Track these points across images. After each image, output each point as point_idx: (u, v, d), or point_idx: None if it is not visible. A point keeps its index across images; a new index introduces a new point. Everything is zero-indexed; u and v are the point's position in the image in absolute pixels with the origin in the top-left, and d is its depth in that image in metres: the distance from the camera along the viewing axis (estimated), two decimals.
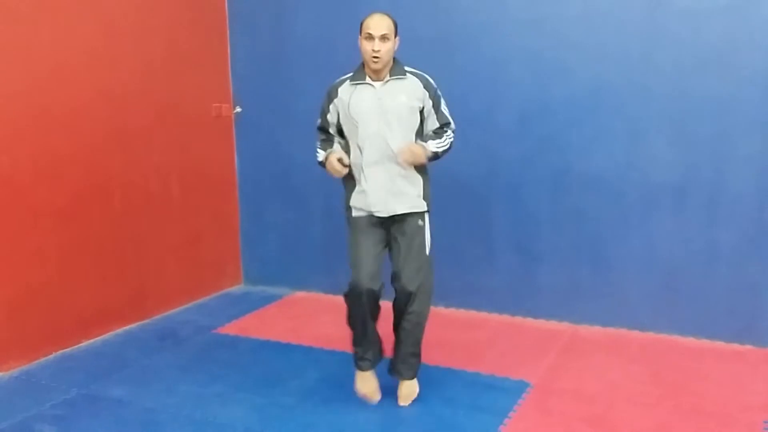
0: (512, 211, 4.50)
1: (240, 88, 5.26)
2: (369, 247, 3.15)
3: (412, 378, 3.32)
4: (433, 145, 3.13)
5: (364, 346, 3.28)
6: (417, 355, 3.31)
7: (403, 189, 3.12)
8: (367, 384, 3.31)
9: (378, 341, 3.35)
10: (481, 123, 4.47)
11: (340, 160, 3.09)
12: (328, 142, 3.26)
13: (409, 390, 3.31)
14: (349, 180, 3.20)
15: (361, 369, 3.32)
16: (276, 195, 5.24)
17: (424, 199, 3.20)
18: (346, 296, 3.21)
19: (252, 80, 5.20)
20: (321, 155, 3.23)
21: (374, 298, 3.16)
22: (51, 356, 3.97)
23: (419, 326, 3.25)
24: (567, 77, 4.23)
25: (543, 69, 4.28)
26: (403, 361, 3.29)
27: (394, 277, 3.20)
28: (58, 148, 3.94)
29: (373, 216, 3.14)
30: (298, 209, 5.15)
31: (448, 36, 4.49)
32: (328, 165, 3.13)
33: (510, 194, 4.49)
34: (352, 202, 3.18)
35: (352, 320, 3.26)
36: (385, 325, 3.36)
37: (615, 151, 4.18)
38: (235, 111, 5.29)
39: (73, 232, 4.06)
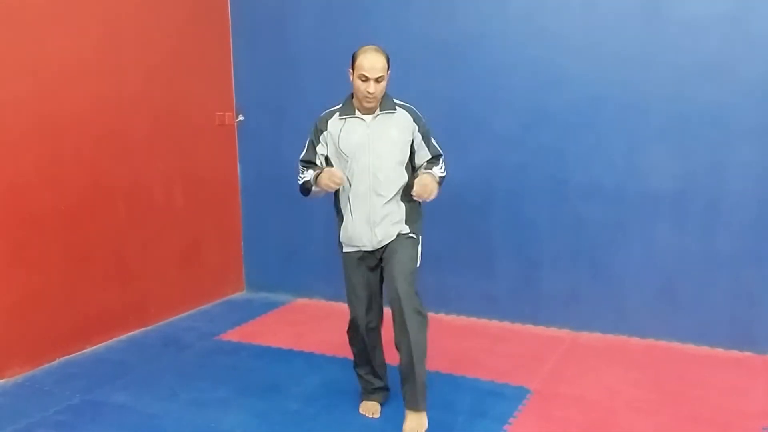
0: (512, 218, 4.53)
1: (242, 97, 5.30)
2: (362, 286, 3.18)
3: (418, 409, 3.04)
4: (438, 172, 3.13)
5: (369, 375, 3.36)
6: (421, 377, 3.02)
7: (384, 225, 3.06)
8: (368, 407, 3.35)
9: (382, 371, 3.39)
10: (482, 131, 4.51)
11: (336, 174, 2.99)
12: (310, 167, 3.14)
13: (414, 423, 3.03)
14: (338, 215, 3.19)
15: (368, 399, 3.38)
16: (278, 202, 5.27)
17: (407, 222, 3.11)
18: (349, 329, 3.30)
19: (254, 89, 5.24)
20: (308, 175, 3.11)
21: (372, 332, 3.26)
22: (54, 362, 4.00)
23: (418, 351, 2.98)
24: (566, 86, 4.26)
25: (543, 77, 4.32)
26: (407, 384, 3.04)
27: (387, 285, 3.08)
28: (62, 155, 3.98)
29: (361, 251, 3.13)
30: (300, 217, 5.18)
31: (449, 45, 4.53)
32: (325, 176, 2.98)
33: (510, 202, 4.51)
34: (342, 238, 3.15)
35: (355, 352, 3.35)
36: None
37: (614, 159, 4.22)
38: (237, 119, 5.33)
39: (77, 238, 4.09)
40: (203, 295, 5.15)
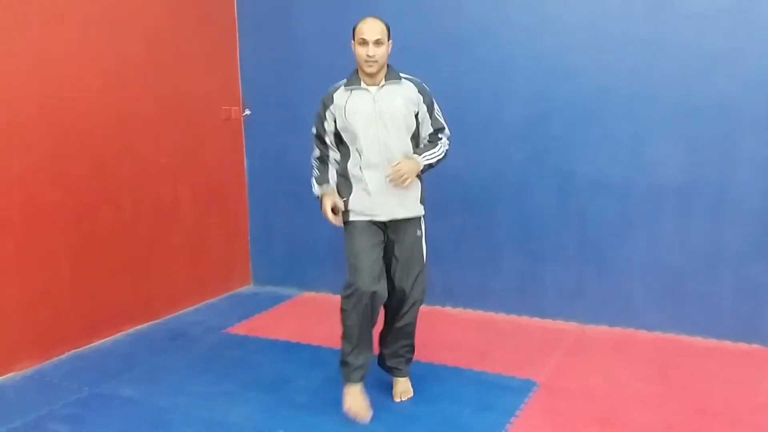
0: (518, 212, 4.52)
1: (249, 91, 5.30)
2: (370, 249, 3.10)
3: (406, 375, 3.41)
4: (426, 158, 3.11)
5: (359, 355, 3.18)
6: (411, 351, 3.40)
7: (403, 193, 3.11)
8: (358, 399, 3.17)
9: (372, 350, 3.26)
10: (488, 125, 4.50)
11: (334, 209, 3.07)
12: (323, 171, 3.23)
13: (404, 387, 3.39)
14: (346, 184, 3.18)
15: (353, 381, 3.17)
16: (284, 196, 5.28)
17: (421, 203, 3.22)
18: (346, 300, 3.10)
19: (261, 83, 5.24)
20: (316, 189, 3.23)
21: (377, 301, 3.11)
22: (63, 356, 4.02)
23: (413, 325, 3.33)
24: (572, 80, 4.25)
25: (548, 72, 4.30)
26: (398, 357, 3.37)
27: (392, 284, 3.20)
28: (68, 151, 3.99)
29: (372, 220, 3.15)
30: (307, 210, 5.17)
31: (455, 39, 4.52)
32: (322, 210, 3.13)
33: (516, 196, 4.51)
34: (351, 206, 3.14)
35: (349, 327, 3.14)
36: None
37: (620, 153, 4.20)
38: (244, 114, 5.33)
39: (85, 233, 4.11)
40: (210, 288, 5.17)
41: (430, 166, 3.16)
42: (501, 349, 4.05)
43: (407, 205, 3.15)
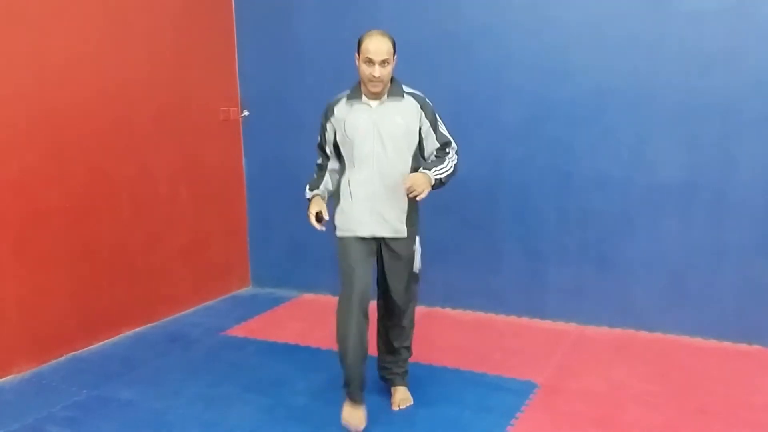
0: (518, 212, 4.51)
1: (247, 92, 5.29)
2: (364, 260, 3.10)
3: (404, 384, 3.38)
4: (435, 172, 3.00)
5: (357, 373, 3.07)
6: (406, 360, 3.38)
7: (386, 212, 3.05)
8: (356, 417, 3.06)
9: (365, 366, 3.13)
10: (488, 124, 4.49)
11: (318, 214, 3.04)
12: (319, 177, 3.22)
13: (403, 395, 3.35)
14: (340, 196, 3.16)
15: (354, 400, 3.07)
16: (283, 198, 5.26)
17: (407, 224, 3.10)
18: (340, 311, 3.12)
19: (259, 84, 5.23)
20: (307, 192, 3.23)
21: (364, 313, 3.12)
22: (62, 358, 4.01)
23: (408, 335, 3.35)
24: (573, 79, 4.24)
25: (549, 70, 4.29)
26: (396, 367, 3.36)
27: (384, 295, 3.23)
28: (66, 152, 3.98)
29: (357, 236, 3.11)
30: (306, 212, 5.16)
31: (455, 38, 4.51)
32: (309, 215, 3.09)
33: (516, 195, 4.50)
34: (336, 222, 3.13)
35: (347, 346, 3.07)
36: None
37: (621, 152, 4.19)
38: (242, 114, 5.32)
39: (82, 234, 4.09)
40: (209, 290, 5.15)
41: (441, 182, 3.03)
42: (501, 350, 4.04)
43: (390, 224, 3.07)
